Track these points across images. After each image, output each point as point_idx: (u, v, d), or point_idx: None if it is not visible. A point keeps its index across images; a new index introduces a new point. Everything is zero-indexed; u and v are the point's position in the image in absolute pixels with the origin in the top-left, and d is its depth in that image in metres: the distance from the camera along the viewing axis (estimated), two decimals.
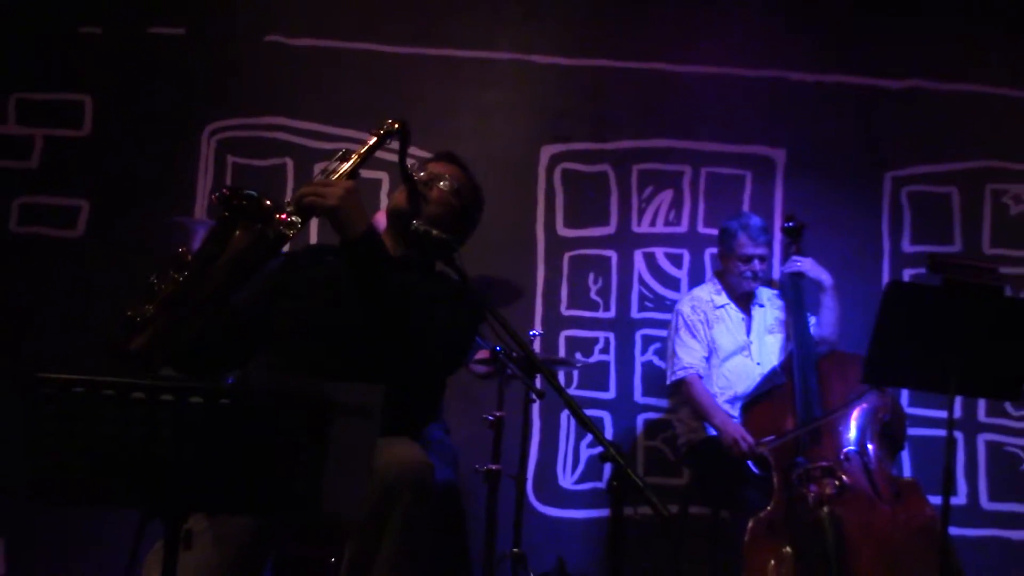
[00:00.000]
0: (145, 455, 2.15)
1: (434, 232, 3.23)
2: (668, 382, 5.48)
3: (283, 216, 2.87)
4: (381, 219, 3.66)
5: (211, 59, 6.03)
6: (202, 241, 2.90)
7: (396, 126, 3.17)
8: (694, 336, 5.39)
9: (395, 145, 3.24)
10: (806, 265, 5.36)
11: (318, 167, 3.15)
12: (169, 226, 5.16)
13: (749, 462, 4.94)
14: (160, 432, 2.15)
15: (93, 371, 2.14)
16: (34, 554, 5.57)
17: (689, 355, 5.37)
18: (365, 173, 3.22)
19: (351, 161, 3.11)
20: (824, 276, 5.37)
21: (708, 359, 5.38)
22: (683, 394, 5.40)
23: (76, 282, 5.78)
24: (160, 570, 2.27)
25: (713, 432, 5.23)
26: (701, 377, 5.34)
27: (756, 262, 5.37)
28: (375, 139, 3.17)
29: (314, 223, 5.67)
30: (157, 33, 6.03)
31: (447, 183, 3.42)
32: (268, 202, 2.88)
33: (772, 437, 4.88)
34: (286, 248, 2.98)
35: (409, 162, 3.32)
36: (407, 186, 3.31)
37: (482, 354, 4.94)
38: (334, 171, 3.12)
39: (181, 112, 6.00)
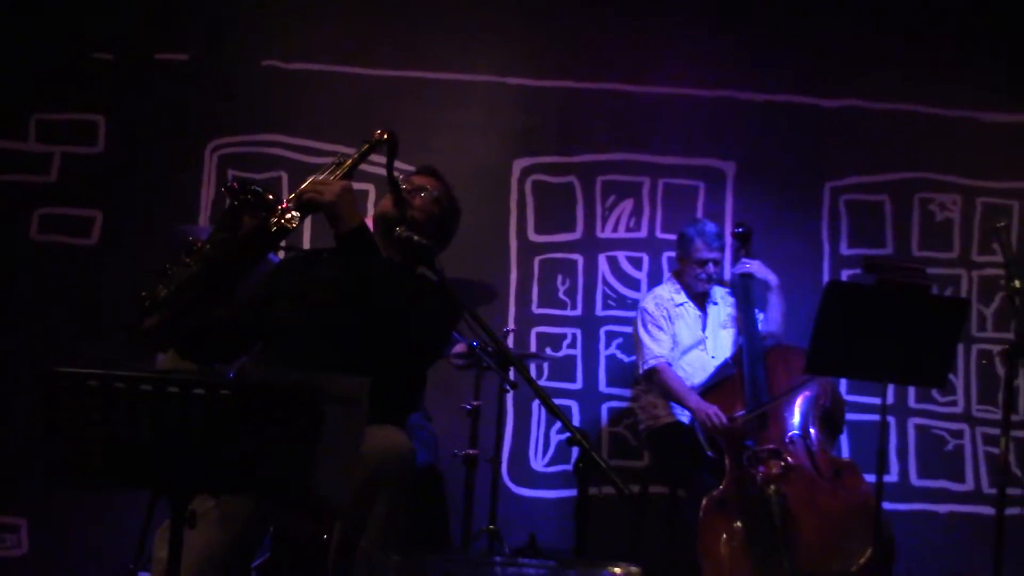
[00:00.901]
0: (153, 442, 2.16)
1: (416, 238, 3.26)
2: (641, 372, 5.47)
3: (284, 205, 2.91)
4: (369, 225, 3.68)
5: (212, 82, 6.02)
6: (212, 229, 2.94)
7: (385, 136, 3.20)
8: (661, 329, 5.40)
9: (383, 156, 3.28)
10: (754, 267, 5.39)
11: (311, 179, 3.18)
12: (176, 234, 5.15)
13: (702, 440, 4.96)
14: (167, 421, 2.16)
15: (106, 366, 2.17)
16: (54, 534, 5.56)
17: (658, 346, 5.38)
18: (354, 184, 3.25)
19: (345, 166, 3.15)
20: (771, 276, 5.40)
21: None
22: (655, 382, 5.38)
23: (90, 286, 5.77)
24: (167, 546, 2.29)
25: (669, 420, 5.27)
26: (670, 365, 5.37)
27: (711, 265, 5.39)
28: (365, 147, 3.21)
29: (307, 230, 5.79)
30: (163, 59, 6.01)
31: (429, 194, 3.45)
32: (271, 196, 2.92)
33: (742, 412, 4.92)
34: (284, 242, 3.02)
35: (395, 173, 3.35)
36: (393, 191, 3.33)
37: (459, 348, 4.96)
38: (335, 166, 3.17)
39: (185, 130, 5.99)
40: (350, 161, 3.16)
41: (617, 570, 0.81)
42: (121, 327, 2.83)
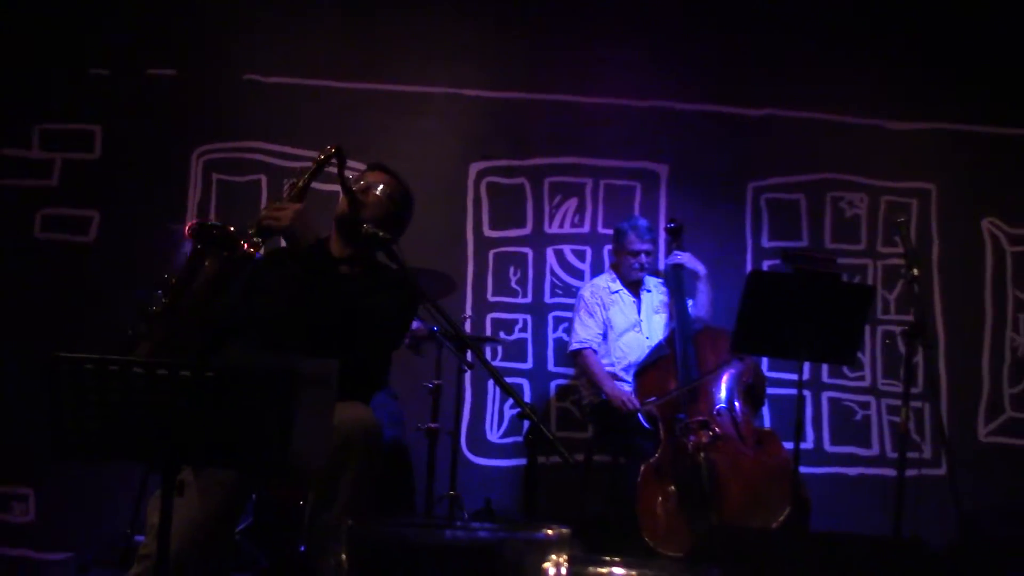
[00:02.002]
0: (145, 418, 2.16)
1: (380, 234, 3.25)
2: (568, 351, 5.55)
3: (245, 244, 2.90)
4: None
5: (198, 94, 5.97)
6: (180, 270, 2.93)
7: (333, 150, 3.20)
8: (591, 316, 5.43)
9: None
10: (685, 258, 5.41)
11: (286, 182, 3.15)
12: (165, 231, 5.13)
13: (640, 417, 4.99)
14: (157, 400, 2.16)
15: (102, 351, 2.16)
16: (58, 502, 5.52)
17: (585, 331, 5.42)
18: (328, 188, 3.26)
19: (299, 186, 3.15)
20: (699, 267, 5.43)
21: (606, 335, 5.42)
22: (578, 363, 5.47)
23: (89, 279, 5.73)
24: (159, 513, 2.29)
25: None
26: (595, 352, 5.39)
27: (643, 256, 5.43)
28: (317, 163, 3.20)
29: None
30: (154, 74, 5.96)
31: (382, 190, 3.44)
32: (232, 228, 2.92)
33: (654, 398, 4.94)
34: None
35: (350, 174, 3.34)
36: (347, 197, 3.32)
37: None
38: (291, 187, 3.16)
39: (174, 138, 5.94)
40: (305, 179, 3.16)
41: (549, 531, 0.83)
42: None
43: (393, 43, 6.13)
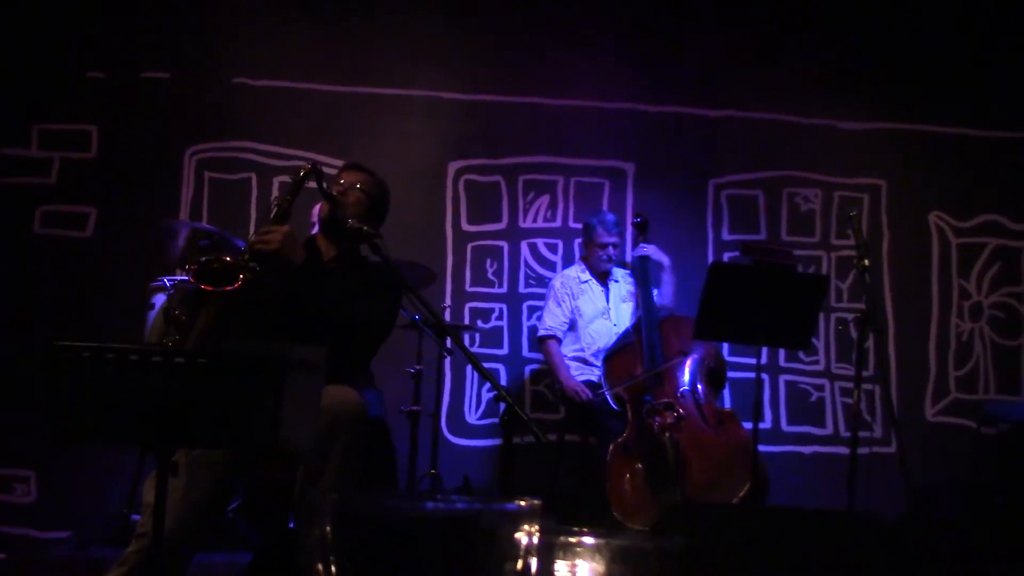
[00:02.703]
0: (140, 403, 2.15)
1: (364, 228, 3.25)
2: (536, 336, 5.58)
3: (243, 275, 2.88)
4: None
5: (191, 97, 5.93)
6: (186, 305, 2.92)
7: (309, 167, 3.19)
8: (559, 305, 5.43)
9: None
10: (650, 250, 5.41)
11: (273, 202, 3.13)
12: (160, 227, 5.09)
13: (609, 399, 4.99)
14: (152, 386, 2.14)
15: (98, 341, 2.14)
16: (58, 484, 5.49)
17: (553, 319, 5.42)
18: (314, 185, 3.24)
19: (283, 205, 3.14)
20: (664, 258, 5.42)
21: (576, 323, 5.42)
22: (541, 349, 5.49)
23: (87, 273, 5.69)
24: (154, 493, 2.27)
25: (581, 379, 5.29)
26: (559, 340, 5.40)
27: (611, 248, 5.42)
28: (296, 181, 3.19)
29: None
30: (148, 77, 5.91)
31: (360, 186, 3.43)
32: (229, 260, 2.90)
33: (605, 388, 4.95)
34: None
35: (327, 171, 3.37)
36: (329, 201, 3.31)
37: None
38: (276, 207, 3.14)
39: (167, 138, 5.90)
40: (287, 199, 3.15)
41: (522, 503, 0.82)
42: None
43: (376, 49, 6.10)
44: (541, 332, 5.47)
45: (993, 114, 6.31)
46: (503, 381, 5.93)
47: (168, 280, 4.80)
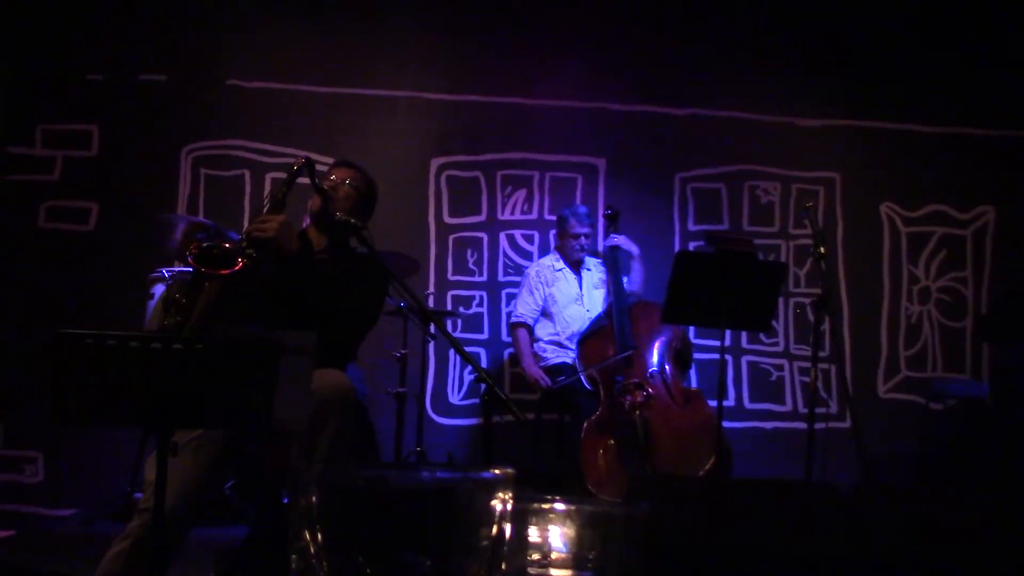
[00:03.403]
0: (140, 387, 2.13)
1: (352, 220, 3.24)
2: (509, 322, 5.59)
3: (242, 260, 2.86)
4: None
5: (187, 98, 5.89)
6: (186, 289, 2.90)
7: (302, 161, 3.18)
8: (531, 294, 5.44)
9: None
10: (621, 240, 5.42)
11: (266, 196, 3.11)
12: (158, 221, 5.06)
13: (583, 380, 4.99)
14: (152, 370, 2.13)
15: (100, 329, 2.13)
16: (64, 464, 5.46)
17: (524, 307, 5.43)
18: (304, 180, 3.22)
19: (279, 194, 3.12)
20: (633, 248, 5.43)
21: (551, 309, 5.42)
22: (511, 332, 5.52)
23: (89, 265, 5.65)
24: (155, 471, 2.26)
25: (556, 361, 5.29)
26: (529, 328, 5.44)
27: (583, 238, 5.43)
28: (290, 175, 3.18)
29: None
30: (145, 79, 5.87)
31: (349, 182, 3.42)
32: (228, 246, 2.89)
33: (580, 370, 4.96)
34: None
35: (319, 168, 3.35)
36: (320, 194, 3.30)
37: None
38: (271, 199, 3.13)
39: (165, 137, 5.86)
40: (282, 190, 3.14)
41: (496, 471, 0.82)
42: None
43: (362, 53, 6.08)
44: (512, 318, 5.51)
45: (939, 112, 6.35)
46: (484, 364, 5.94)
47: (167, 271, 4.78)
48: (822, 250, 4.41)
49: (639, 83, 6.25)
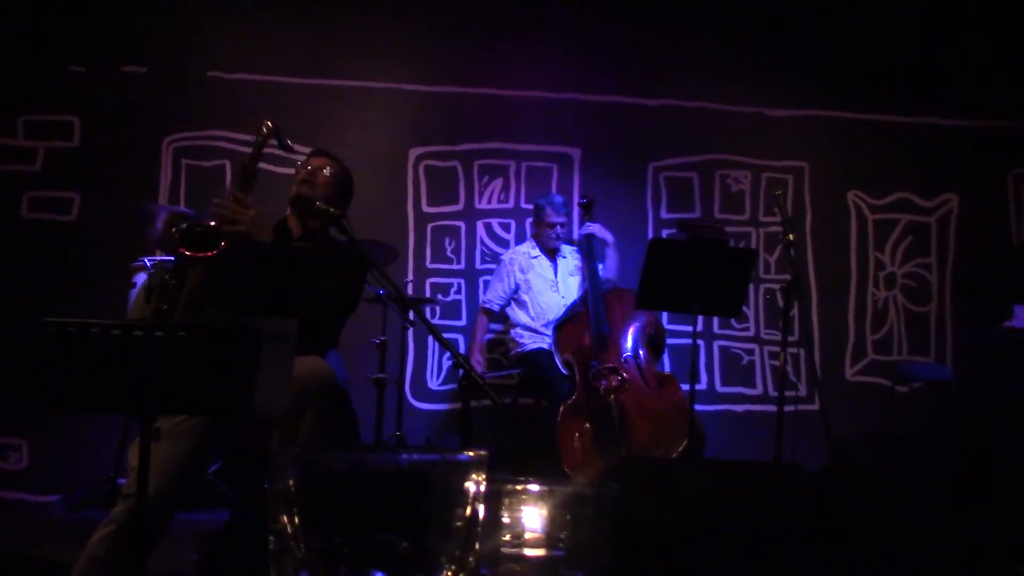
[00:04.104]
0: (123, 374, 2.12)
1: (332, 210, 3.23)
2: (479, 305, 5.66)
3: (225, 243, 2.87)
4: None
5: (167, 89, 5.84)
6: (173, 274, 2.89)
7: (269, 124, 3.18)
8: (501, 281, 5.47)
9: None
10: (596, 228, 5.42)
11: (236, 169, 3.08)
12: (140, 210, 5.02)
13: (559, 364, 4.99)
14: (134, 358, 2.11)
15: (83, 317, 2.11)
16: (48, 451, 5.42)
17: (492, 293, 5.47)
18: (281, 171, 3.21)
19: (249, 168, 3.11)
20: (608, 236, 5.44)
21: (527, 295, 5.42)
22: (478, 316, 5.58)
23: (71, 254, 5.60)
24: (139, 457, 2.24)
25: (533, 347, 5.30)
26: (493, 312, 5.49)
27: (558, 227, 5.44)
28: (257, 145, 3.17)
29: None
30: (127, 71, 5.82)
31: (327, 171, 3.40)
32: (213, 224, 2.88)
33: (556, 355, 5.00)
34: None
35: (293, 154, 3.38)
36: (302, 182, 3.31)
37: None
38: (242, 171, 3.11)
39: (146, 128, 5.81)
40: (249, 165, 3.12)
41: (469, 453, 0.82)
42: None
43: (341, 43, 6.05)
44: (480, 302, 5.58)
45: (903, 102, 6.39)
46: (462, 350, 5.92)
47: (149, 260, 4.74)
48: (791, 237, 4.42)
49: (613, 74, 6.25)
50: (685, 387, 4.66)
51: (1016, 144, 6.43)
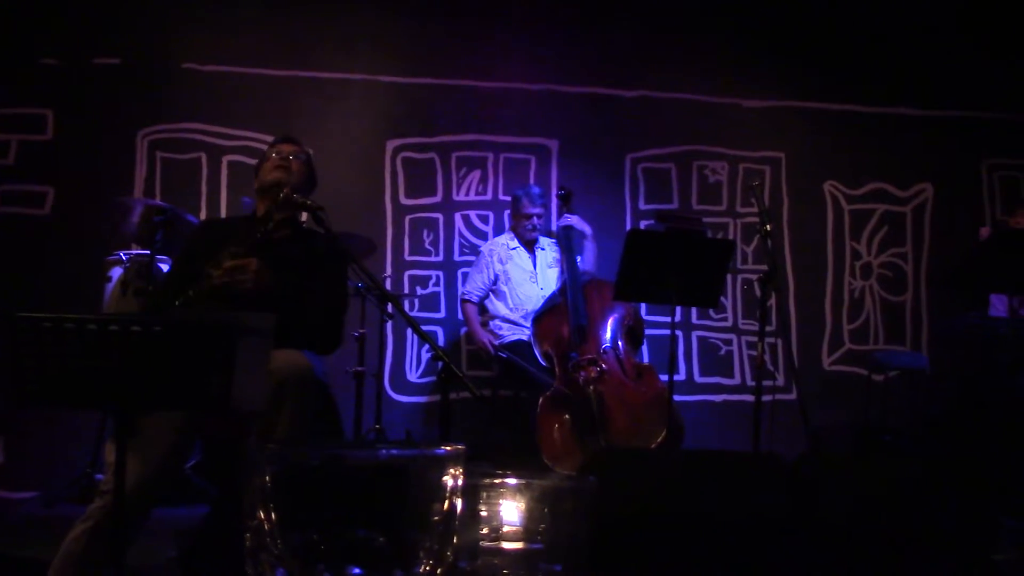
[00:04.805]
0: (99, 370, 2.10)
1: (309, 202, 3.21)
2: (459, 298, 5.63)
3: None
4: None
5: (141, 81, 5.78)
6: (139, 280, 2.89)
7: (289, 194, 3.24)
8: (481, 273, 5.46)
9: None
10: (574, 220, 5.42)
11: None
12: (115, 204, 4.97)
13: (538, 356, 4.99)
14: (110, 353, 2.09)
15: (57, 311, 2.09)
16: (25, 446, 5.37)
17: (472, 285, 5.46)
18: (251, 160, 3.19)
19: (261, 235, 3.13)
20: (586, 227, 5.44)
21: (505, 286, 5.41)
22: (461, 308, 5.57)
23: (45, 248, 5.55)
24: (116, 453, 2.23)
25: (512, 339, 5.29)
26: (474, 304, 5.48)
27: (535, 218, 5.44)
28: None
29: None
30: (100, 63, 5.76)
31: (296, 157, 3.38)
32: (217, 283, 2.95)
33: (535, 346, 5.00)
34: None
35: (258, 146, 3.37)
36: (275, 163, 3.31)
37: None
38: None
39: (120, 121, 5.75)
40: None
41: (447, 448, 0.82)
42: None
43: (317, 35, 6.00)
44: (462, 296, 5.56)
45: (879, 92, 6.42)
46: (441, 342, 5.93)
47: (124, 254, 4.71)
48: (768, 228, 4.44)
49: (591, 66, 6.25)
50: (664, 378, 4.65)
51: (990, 133, 6.49)
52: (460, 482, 0.93)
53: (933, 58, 6.36)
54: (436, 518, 0.91)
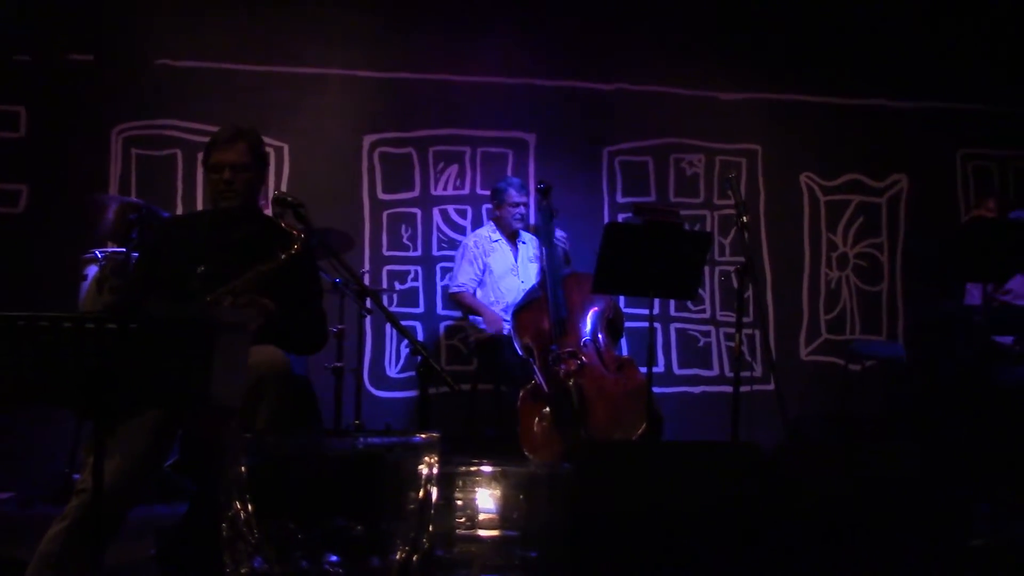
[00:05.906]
0: (74, 368, 2.09)
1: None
2: (449, 293, 5.58)
3: None
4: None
5: (115, 77, 5.73)
6: (114, 278, 2.88)
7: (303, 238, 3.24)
8: (471, 264, 5.43)
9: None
10: (561, 238, 5.39)
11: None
12: (89, 202, 4.93)
13: (517, 348, 4.99)
14: (86, 351, 2.08)
15: (32, 310, 2.08)
16: (1, 447, 5.31)
17: (464, 276, 5.42)
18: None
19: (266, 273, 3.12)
20: (565, 243, 5.41)
21: (486, 279, 5.41)
22: (456, 302, 5.52)
23: (20, 246, 5.50)
24: (93, 451, 2.22)
25: (492, 331, 5.29)
26: (472, 292, 5.42)
27: (522, 207, 5.44)
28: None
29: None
30: (73, 59, 5.71)
31: (241, 161, 3.27)
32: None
33: (515, 340, 4.96)
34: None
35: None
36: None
37: None
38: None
39: (94, 117, 5.71)
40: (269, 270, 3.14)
41: (423, 435, 0.82)
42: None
43: (293, 30, 5.97)
44: (454, 289, 5.47)
45: (853, 84, 6.46)
46: (420, 337, 5.92)
47: (100, 252, 4.67)
48: (745, 220, 4.47)
49: (567, 59, 6.25)
50: (643, 370, 4.66)
51: (964, 124, 6.54)
52: (435, 470, 0.93)
53: (907, 50, 6.40)
54: (412, 506, 0.92)
